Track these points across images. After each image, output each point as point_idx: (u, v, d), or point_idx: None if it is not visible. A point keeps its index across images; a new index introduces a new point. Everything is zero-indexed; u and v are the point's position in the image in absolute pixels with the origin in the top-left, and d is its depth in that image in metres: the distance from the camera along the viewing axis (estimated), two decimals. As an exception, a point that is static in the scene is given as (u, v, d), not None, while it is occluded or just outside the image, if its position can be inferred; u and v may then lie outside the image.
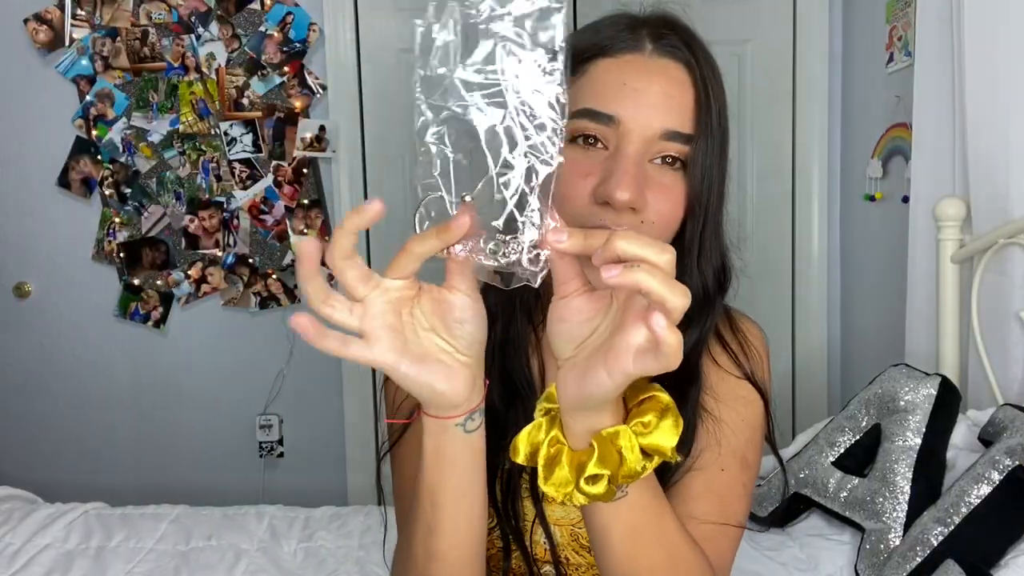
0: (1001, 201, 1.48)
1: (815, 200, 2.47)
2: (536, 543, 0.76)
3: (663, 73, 0.70)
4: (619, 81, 0.69)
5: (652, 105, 0.68)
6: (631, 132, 0.67)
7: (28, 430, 2.56)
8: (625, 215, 0.66)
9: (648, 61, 0.70)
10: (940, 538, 1.14)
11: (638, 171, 0.67)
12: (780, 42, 2.44)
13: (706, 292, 0.74)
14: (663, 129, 0.68)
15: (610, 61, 0.70)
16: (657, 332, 0.46)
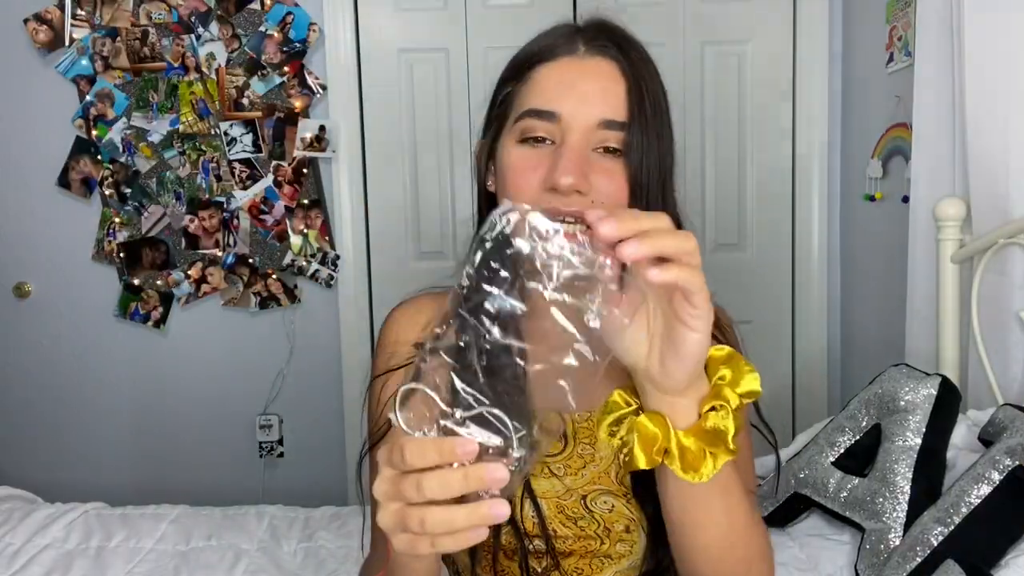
0: (1001, 201, 1.48)
1: (815, 200, 2.47)
2: (525, 518, 0.80)
3: (596, 70, 0.78)
4: (557, 81, 0.78)
5: (588, 99, 0.76)
6: (572, 125, 0.76)
7: (28, 430, 2.56)
8: (573, 198, 0.74)
9: (582, 61, 0.79)
10: (940, 538, 1.14)
11: (580, 158, 0.75)
12: (780, 42, 2.44)
13: None
14: (600, 119, 0.76)
15: (549, 65, 0.79)
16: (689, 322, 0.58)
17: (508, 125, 0.80)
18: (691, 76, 2.46)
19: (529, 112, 0.77)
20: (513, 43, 0.88)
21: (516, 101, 0.80)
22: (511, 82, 0.81)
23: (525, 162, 0.77)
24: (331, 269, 2.49)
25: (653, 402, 0.64)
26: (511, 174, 0.78)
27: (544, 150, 0.77)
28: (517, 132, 0.78)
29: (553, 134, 0.77)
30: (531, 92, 0.79)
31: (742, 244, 2.52)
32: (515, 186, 0.77)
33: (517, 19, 2.42)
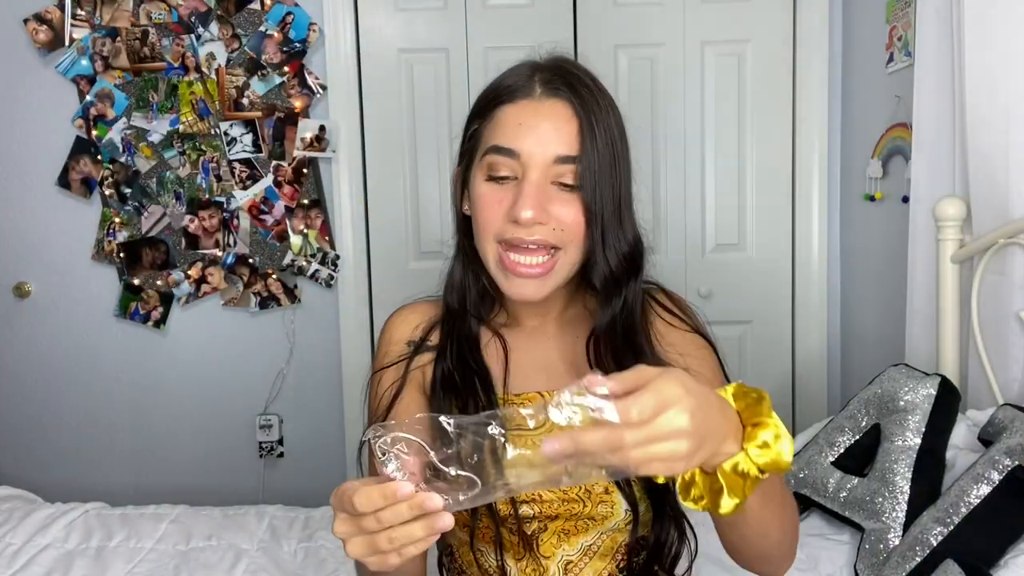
0: (1001, 201, 1.48)
1: (815, 200, 2.47)
2: None
3: (551, 111, 0.87)
4: (516, 122, 0.87)
5: (543, 139, 0.86)
6: (530, 162, 0.86)
7: (28, 430, 2.56)
8: (535, 228, 0.85)
9: (538, 103, 0.88)
10: (940, 538, 1.14)
11: (539, 192, 0.85)
12: (780, 42, 2.44)
13: (613, 275, 0.91)
14: (555, 155, 0.86)
15: (509, 107, 0.89)
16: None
17: (477, 158, 0.90)
18: (691, 76, 2.46)
19: (493, 148, 0.87)
20: (513, 43, 0.92)
21: (483, 137, 0.90)
22: (478, 119, 0.92)
23: (491, 197, 0.88)
24: (331, 269, 2.49)
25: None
26: (480, 207, 0.89)
27: (508, 186, 0.87)
28: (484, 167, 0.88)
29: (515, 170, 0.87)
30: (495, 130, 0.88)
31: (742, 244, 2.52)
32: (483, 219, 0.88)
33: (517, 19, 2.42)
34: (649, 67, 2.46)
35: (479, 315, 0.97)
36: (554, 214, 0.86)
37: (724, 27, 2.44)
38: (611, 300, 0.92)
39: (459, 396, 0.91)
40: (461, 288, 0.96)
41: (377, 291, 2.52)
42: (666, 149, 2.48)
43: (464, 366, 0.93)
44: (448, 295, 0.98)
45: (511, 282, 0.88)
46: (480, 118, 0.92)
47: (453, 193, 0.96)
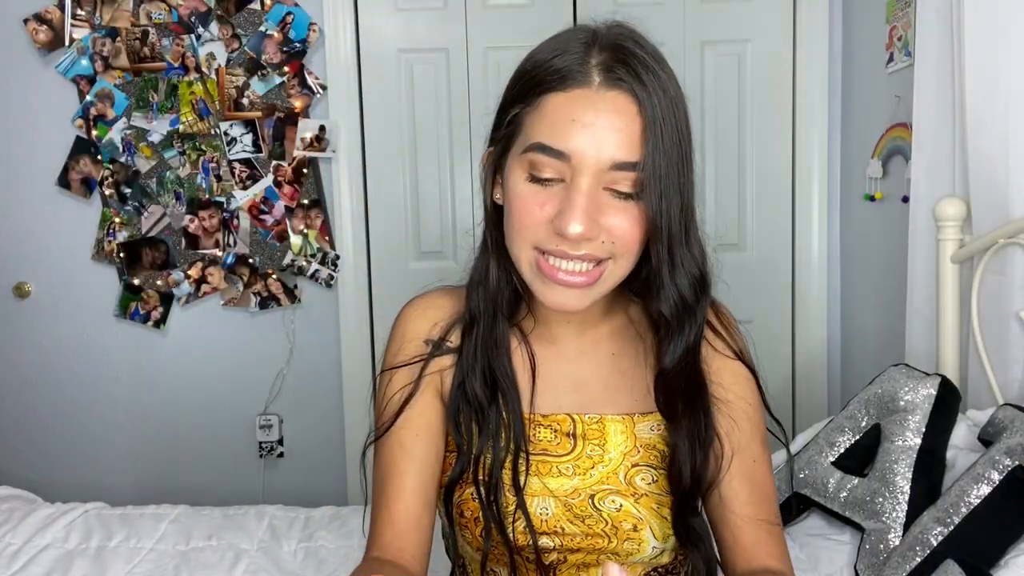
0: (1001, 201, 1.48)
1: (815, 200, 2.47)
2: (533, 515, 0.82)
3: (611, 107, 0.73)
4: (568, 118, 0.73)
5: (600, 140, 0.72)
6: (582, 166, 0.73)
7: (28, 430, 2.56)
8: (582, 244, 0.73)
9: (596, 96, 0.73)
10: (940, 538, 1.14)
11: (589, 203, 0.73)
12: (780, 42, 2.44)
13: (685, 303, 0.79)
14: (612, 161, 0.73)
15: (561, 96, 0.74)
16: None
17: (515, 150, 0.77)
18: (691, 76, 2.46)
19: (538, 146, 0.74)
20: (513, 43, 0.88)
21: (525, 126, 0.77)
22: (519, 103, 0.77)
23: (533, 199, 0.75)
24: (331, 269, 2.49)
25: None
26: (518, 207, 0.76)
27: (553, 188, 0.75)
28: (526, 164, 0.76)
29: (563, 172, 0.74)
30: (540, 123, 0.75)
31: (742, 244, 2.52)
32: (521, 222, 0.75)
33: (517, 19, 2.42)
34: (649, 67, 2.46)
35: (510, 315, 0.86)
36: (605, 225, 0.74)
37: (724, 27, 2.44)
38: (684, 330, 0.79)
39: (480, 410, 0.83)
40: (493, 287, 0.84)
41: (377, 291, 2.52)
42: (666, 149, 2.48)
43: (490, 376, 0.83)
44: (474, 293, 0.85)
45: (549, 289, 0.76)
46: (522, 103, 0.77)
47: (483, 178, 0.84)
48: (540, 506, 0.82)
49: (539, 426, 0.85)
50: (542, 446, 0.85)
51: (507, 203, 0.78)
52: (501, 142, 0.80)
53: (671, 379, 0.81)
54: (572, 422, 0.85)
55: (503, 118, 0.80)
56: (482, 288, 0.84)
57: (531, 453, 0.83)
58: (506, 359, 0.84)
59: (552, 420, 0.85)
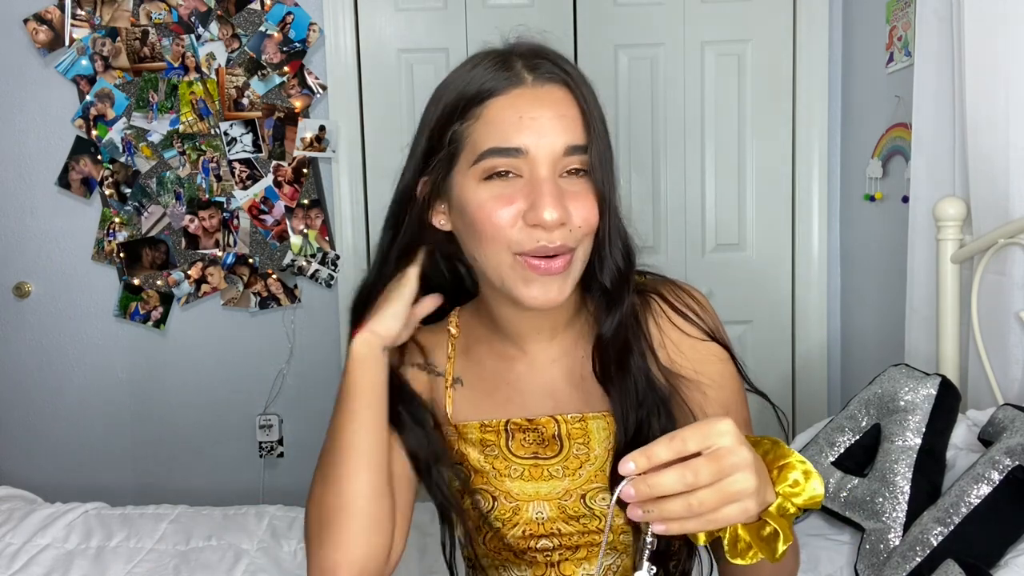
0: (1001, 201, 1.48)
1: (815, 200, 2.47)
2: (529, 519, 0.85)
3: (551, 97, 0.78)
4: (515, 116, 0.76)
5: (549, 129, 0.76)
6: (539, 157, 0.76)
7: (28, 430, 2.56)
8: (557, 232, 0.76)
9: (533, 91, 0.78)
10: (940, 538, 1.14)
11: (556, 190, 0.76)
12: (780, 42, 2.44)
13: (620, 272, 0.84)
14: (565, 146, 0.77)
15: (502, 99, 0.77)
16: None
17: (462, 166, 0.79)
18: (691, 76, 2.46)
19: (491, 151, 0.76)
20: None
21: (468, 141, 0.78)
22: (454, 123, 0.79)
23: (497, 199, 0.77)
24: (331, 269, 2.49)
25: None
26: (483, 214, 0.77)
27: (513, 183, 0.77)
28: (479, 172, 0.77)
29: (519, 168, 0.77)
30: (486, 130, 0.77)
31: (742, 244, 2.52)
32: (491, 224, 0.76)
33: (517, 19, 2.39)
34: (649, 67, 2.46)
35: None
36: (571, 210, 0.77)
37: (724, 27, 2.44)
38: (621, 300, 0.84)
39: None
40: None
41: (377, 291, 2.52)
42: (666, 149, 2.48)
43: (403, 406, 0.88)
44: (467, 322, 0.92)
45: (533, 285, 0.78)
46: (460, 120, 0.79)
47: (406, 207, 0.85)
48: (536, 510, 0.85)
49: (526, 431, 0.87)
50: (532, 450, 0.87)
51: (466, 218, 0.79)
52: (440, 165, 0.81)
53: (607, 346, 0.84)
54: (556, 423, 0.87)
55: (439, 141, 0.81)
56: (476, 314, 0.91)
57: (521, 458, 0.87)
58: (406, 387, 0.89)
59: (537, 424, 0.87)
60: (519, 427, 0.87)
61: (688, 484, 0.57)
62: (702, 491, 0.57)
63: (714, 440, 0.58)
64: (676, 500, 0.58)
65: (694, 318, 0.87)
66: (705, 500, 0.57)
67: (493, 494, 0.86)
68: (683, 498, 0.57)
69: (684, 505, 0.57)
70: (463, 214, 0.80)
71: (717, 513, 0.58)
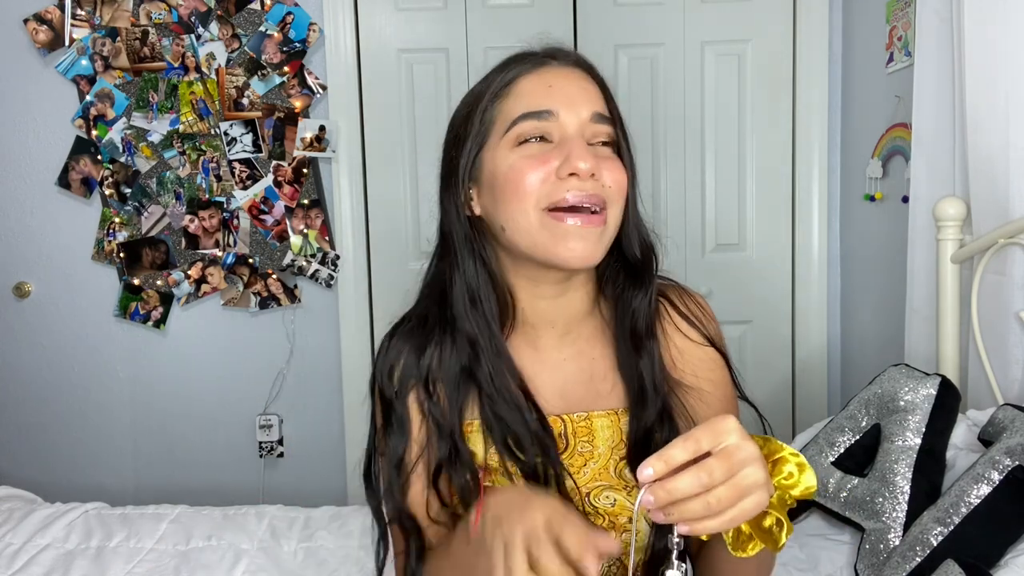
0: (1001, 201, 1.48)
1: (815, 200, 2.47)
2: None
3: (574, 74, 0.84)
4: (544, 84, 0.82)
5: (576, 96, 0.82)
6: (568, 120, 0.81)
7: (28, 430, 2.56)
8: (588, 182, 0.79)
9: (558, 68, 0.84)
10: (940, 538, 1.14)
11: (588, 147, 0.80)
12: (780, 42, 2.44)
13: (645, 248, 0.88)
14: (591, 112, 0.82)
15: (531, 75, 0.84)
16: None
17: (493, 140, 0.83)
18: (691, 76, 2.46)
19: (524, 116, 0.81)
20: (513, 43, 0.90)
21: (500, 114, 0.83)
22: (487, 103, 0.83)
23: (529, 159, 0.80)
24: (331, 269, 2.49)
25: None
26: (514, 173, 0.79)
27: (547, 146, 0.80)
28: (512, 138, 0.81)
29: (550, 132, 0.81)
30: (518, 101, 0.82)
31: (742, 244, 2.52)
32: (522, 182, 0.79)
33: (517, 19, 2.42)
34: (649, 67, 2.46)
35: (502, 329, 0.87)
36: (604, 173, 0.80)
37: (724, 27, 2.44)
38: (646, 277, 0.87)
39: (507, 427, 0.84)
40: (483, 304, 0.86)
41: (377, 291, 2.52)
42: (666, 149, 2.48)
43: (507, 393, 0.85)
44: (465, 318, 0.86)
45: (567, 241, 0.79)
46: (490, 101, 0.83)
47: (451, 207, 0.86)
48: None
49: None
50: None
51: (498, 184, 0.81)
52: (475, 142, 0.84)
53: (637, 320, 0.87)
54: (563, 423, 0.87)
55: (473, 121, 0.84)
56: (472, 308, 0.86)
57: None
58: (514, 368, 0.86)
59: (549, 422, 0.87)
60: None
61: (704, 485, 0.58)
62: (718, 489, 0.59)
63: (723, 438, 0.60)
64: (695, 501, 0.59)
65: (698, 324, 0.90)
66: (722, 497, 0.59)
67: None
68: (701, 498, 0.59)
69: (703, 505, 0.59)
70: (493, 184, 0.82)
71: (735, 509, 0.59)
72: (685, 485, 0.58)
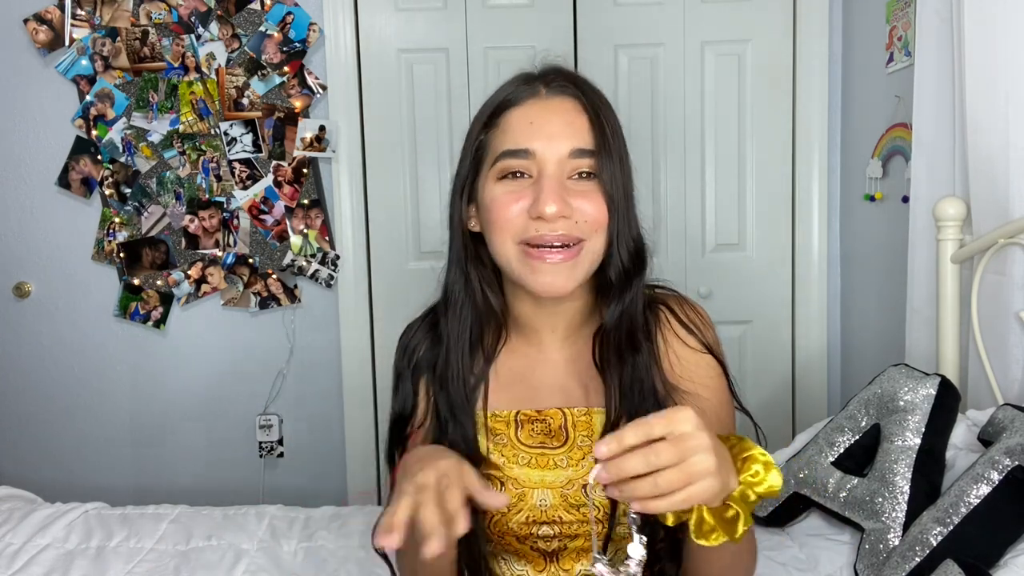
0: (1001, 201, 1.48)
1: (815, 200, 2.47)
2: (533, 506, 0.90)
3: (559, 107, 0.87)
4: (526, 122, 0.87)
5: (557, 134, 0.85)
6: (546, 158, 0.85)
7: (28, 430, 2.56)
8: (559, 223, 0.83)
9: (546, 101, 0.88)
10: (939, 538, 1.14)
11: (560, 187, 0.84)
12: (780, 42, 2.44)
13: (625, 271, 0.90)
14: (570, 148, 0.85)
15: (517, 110, 0.88)
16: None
17: (485, 170, 0.89)
18: (691, 76, 2.46)
19: (504, 154, 0.86)
20: (513, 43, 0.92)
21: (490, 147, 0.89)
22: (483, 131, 0.90)
23: (508, 194, 0.86)
24: (331, 269, 2.49)
25: None
26: (495, 207, 0.86)
27: (524, 182, 0.86)
28: (496, 172, 0.87)
29: (529, 169, 0.86)
30: (503, 136, 0.87)
31: (742, 244, 2.52)
32: (501, 216, 0.85)
33: (517, 19, 2.42)
34: (649, 67, 2.46)
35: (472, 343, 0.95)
36: (576, 206, 0.84)
37: (724, 27, 2.44)
38: (623, 295, 0.91)
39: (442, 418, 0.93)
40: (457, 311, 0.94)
41: (377, 291, 2.52)
42: (666, 149, 2.48)
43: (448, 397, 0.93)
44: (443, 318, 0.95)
45: (537, 274, 0.85)
46: (485, 129, 0.90)
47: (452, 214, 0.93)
48: (539, 497, 0.90)
49: (535, 421, 0.93)
50: (539, 439, 0.92)
51: (485, 213, 0.88)
52: (470, 171, 0.91)
53: (607, 333, 0.91)
54: (563, 415, 0.92)
55: (470, 149, 0.91)
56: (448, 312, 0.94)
57: (529, 447, 0.92)
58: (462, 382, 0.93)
59: (545, 415, 0.93)
60: (528, 418, 0.93)
61: (651, 464, 0.62)
62: (667, 472, 0.62)
63: (677, 426, 0.64)
64: (644, 481, 0.63)
65: (697, 333, 0.94)
66: (672, 480, 0.63)
67: (501, 479, 0.91)
68: (650, 479, 0.63)
69: (651, 485, 0.63)
70: (484, 211, 0.89)
71: (683, 492, 0.63)
72: (632, 464, 0.63)
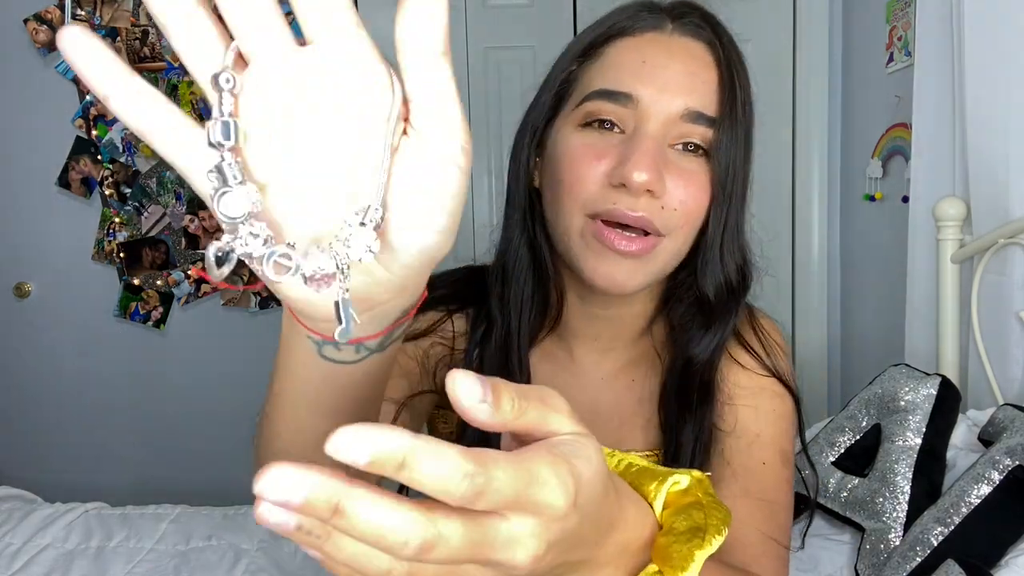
0: (1001, 201, 1.48)
1: (815, 200, 2.47)
2: None
3: (686, 51, 0.66)
4: (638, 59, 0.64)
5: (672, 84, 0.64)
6: (650, 112, 0.63)
7: (28, 430, 2.56)
8: (642, 199, 0.62)
9: (670, 39, 0.66)
10: (940, 538, 1.14)
11: (657, 152, 0.63)
12: (780, 42, 2.44)
13: (729, 289, 0.72)
14: (685, 109, 0.64)
15: (628, 40, 0.66)
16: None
17: (566, 110, 0.67)
18: (691, 76, 2.46)
19: (598, 93, 0.64)
20: (513, 43, 0.87)
21: (581, 82, 0.67)
22: (576, 62, 0.67)
23: (588, 149, 0.64)
24: (331, 269, 2.49)
25: None
26: (569, 163, 0.64)
27: (612, 137, 0.64)
28: (580, 116, 0.65)
29: (624, 121, 0.64)
30: (602, 70, 0.65)
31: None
32: (573, 175, 0.63)
33: (517, 19, 2.42)
34: (649, 67, 2.46)
35: (534, 333, 0.73)
36: (670, 187, 0.63)
37: (724, 27, 2.44)
38: (726, 319, 0.70)
39: None
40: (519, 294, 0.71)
41: (377, 291, 2.52)
42: (666, 149, 2.48)
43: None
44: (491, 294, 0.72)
45: (601, 261, 0.63)
46: (580, 58, 0.67)
47: (514, 164, 0.71)
48: None
49: None
50: None
51: (554, 167, 0.66)
52: (547, 110, 0.68)
53: (695, 372, 0.70)
54: None
55: (550, 82, 0.69)
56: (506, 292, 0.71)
57: None
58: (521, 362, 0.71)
59: None
60: None
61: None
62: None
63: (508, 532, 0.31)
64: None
65: (762, 355, 0.76)
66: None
67: None
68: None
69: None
70: (551, 165, 0.67)
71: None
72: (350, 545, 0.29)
